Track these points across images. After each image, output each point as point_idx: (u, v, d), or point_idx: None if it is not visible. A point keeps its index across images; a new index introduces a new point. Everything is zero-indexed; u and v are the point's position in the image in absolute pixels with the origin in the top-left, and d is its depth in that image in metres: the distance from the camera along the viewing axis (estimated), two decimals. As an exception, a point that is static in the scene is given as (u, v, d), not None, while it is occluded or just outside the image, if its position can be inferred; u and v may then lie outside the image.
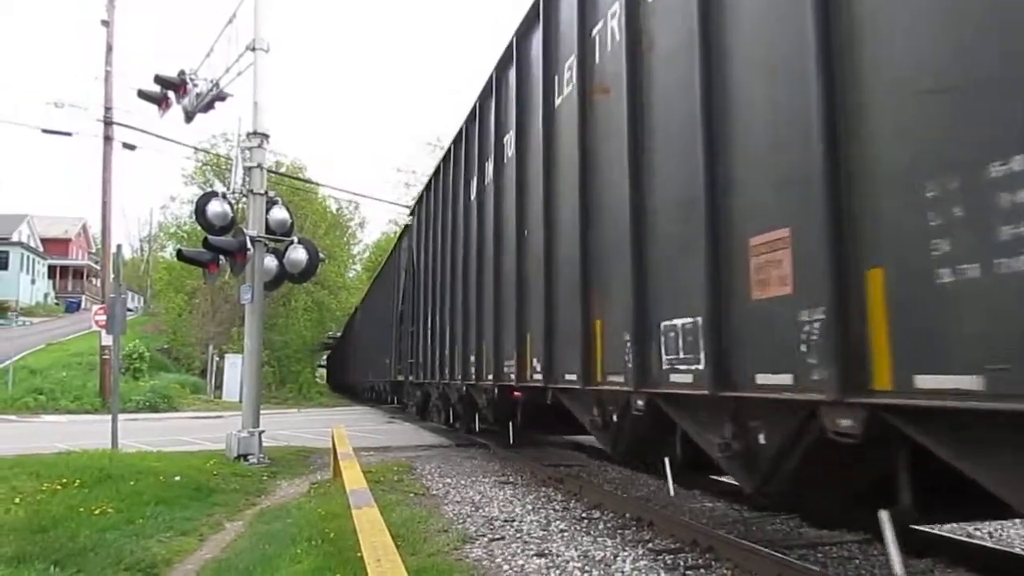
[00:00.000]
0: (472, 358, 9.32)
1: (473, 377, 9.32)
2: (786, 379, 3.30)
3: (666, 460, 5.35)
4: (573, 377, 5.81)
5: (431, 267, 12.58)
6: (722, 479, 6.92)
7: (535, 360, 6.77)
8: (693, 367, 4.04)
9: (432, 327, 12.23)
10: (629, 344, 4.75)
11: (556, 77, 6.46)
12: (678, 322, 4.23)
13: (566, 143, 6.11)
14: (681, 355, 4.19)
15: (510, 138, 7.79)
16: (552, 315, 6.36)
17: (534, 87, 7.03)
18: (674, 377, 4.27)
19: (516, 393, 8.06)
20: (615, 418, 5.51)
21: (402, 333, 15.81)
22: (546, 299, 6.43)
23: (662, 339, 4.41)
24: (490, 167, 8.71)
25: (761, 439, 3.80)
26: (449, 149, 11.32)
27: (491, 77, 8.64)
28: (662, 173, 4.57)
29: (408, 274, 15.27)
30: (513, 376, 7.41)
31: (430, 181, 13.01)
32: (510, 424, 9.48)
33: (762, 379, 3.50)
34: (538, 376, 6.66)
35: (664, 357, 4.39)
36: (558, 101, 6.40)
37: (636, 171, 4.79)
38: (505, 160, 8.05)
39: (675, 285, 4.32)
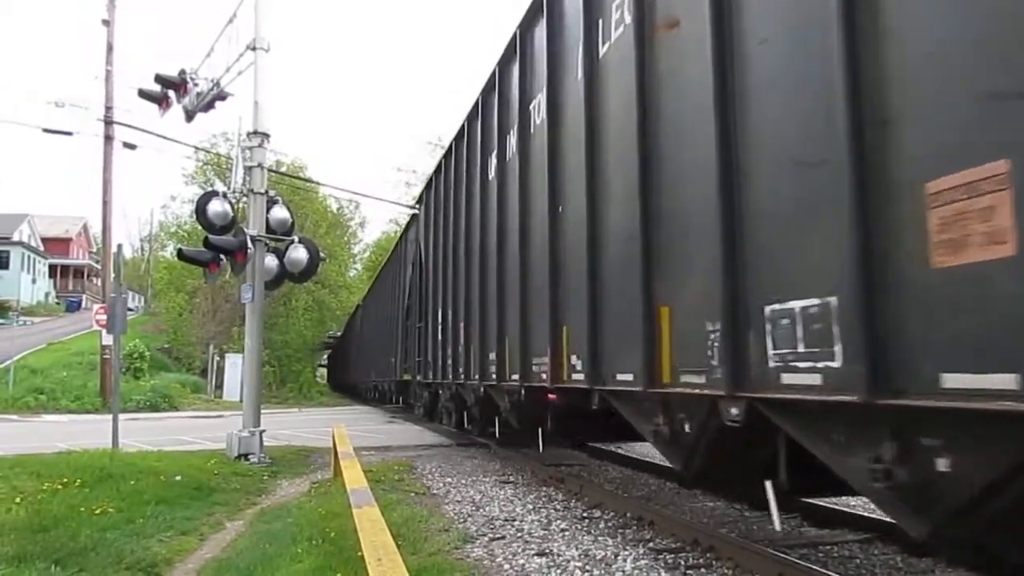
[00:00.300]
0: (492, 355, 8.47)
1: (494, 377, 8.45)
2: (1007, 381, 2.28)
3: (768, 484, 4.31)
4: (628, 377, 4.91)
5: (442, 257, 11.69)
6: (841, 506, 6.21)
7: (574, 357, 5.93)
8: (821, 364, 3.13)
9: (444, 322, 11.41)
10: (715, 335, 3.84)
11: (600, 21, 5.60)
12: (795, 305, 3.30)
13: (616, 97, 5.27)
14: (802, 349, 3.26)
15: (539, 102, 6.98)
16: (598, 303, 5.44)
17: (570, 39, 6.23)
18: (788, 378, 3.35)
19: (550, 396, 7.04)
20: (688, 428, 4.61)
21: (408, 330, 15.18)
22: (590, 284, 5.50)
23: (768, 328, 3.49)
24: (513, 139, 7.85)
25: (942, 465, 2.73)
26: (462, 127, 10.42)
27: (514, 37, 7.79)
28: (766, 116, 3.60)
29: (415, 267, 14.45)
30: (545, 376, 6.52)
31: (440, 164, 12.15)
32: (539, 430, 8.87)
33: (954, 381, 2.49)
34: (579, 376, 5.82)
35: (771, 352, 3.47)
36: (603, 49, 5.55)
37: (724, 118, 3.81)
38: (532, 128, 7.22)
39: (790, 258, 3.38)
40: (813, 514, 6.10)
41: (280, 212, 11.55)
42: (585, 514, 6.62)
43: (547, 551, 5.26)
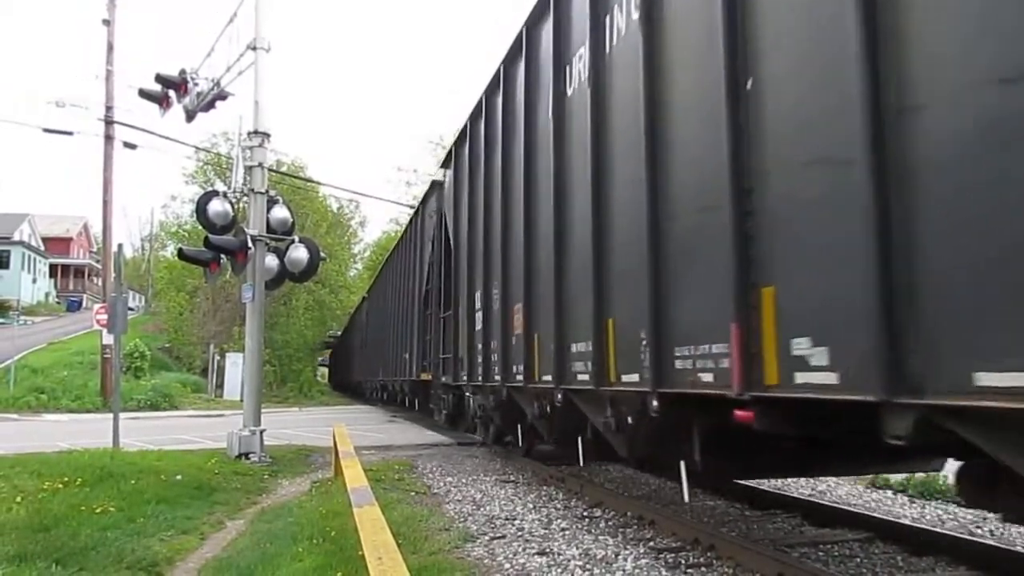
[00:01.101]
0: (576, 349, 5.86)
1: (592, 379, 5.49)
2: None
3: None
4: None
5: (483, 225, 8.91)
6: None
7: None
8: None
9: (485, 308, 8.79)
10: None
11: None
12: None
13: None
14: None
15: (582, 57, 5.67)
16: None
17: None
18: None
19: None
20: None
21: (428, 321, 12.79)
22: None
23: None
24: (582, 57, 5.85)
25: None
26: (498, 71, 8.31)
27: None
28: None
29: (437, 245, 11.91)
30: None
31: (481, 103, 9.14)
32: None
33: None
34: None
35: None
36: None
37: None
38: (612, 45, 5.36)
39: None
40: (813, 513, 6.11)
41: (280, 212, 11.54)
42: (586, 513, 6.62)
43: (548, 550, 5.26)
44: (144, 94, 12.43)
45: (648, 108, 4.67)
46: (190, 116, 12.28)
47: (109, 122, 21.76)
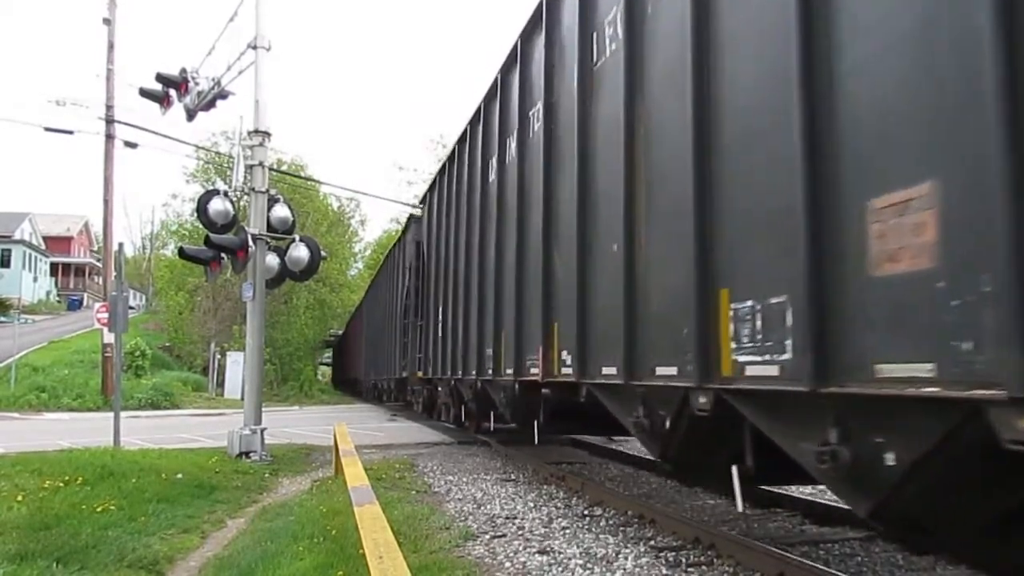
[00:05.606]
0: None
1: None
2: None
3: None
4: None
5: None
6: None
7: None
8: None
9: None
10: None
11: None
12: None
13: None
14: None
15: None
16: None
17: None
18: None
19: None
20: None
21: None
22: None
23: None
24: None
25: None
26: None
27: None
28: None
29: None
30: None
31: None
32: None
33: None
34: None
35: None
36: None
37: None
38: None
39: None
40: (814, 512, 6.10)
41: (281, 211, 11.55)
42: (586, 512, 6.62)
43: (548, 549, 5.26)
44: (145, 93, 12.43)
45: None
46: (191, 115, 12.27)
47: (110, 121, 21.73)
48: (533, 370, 6.87)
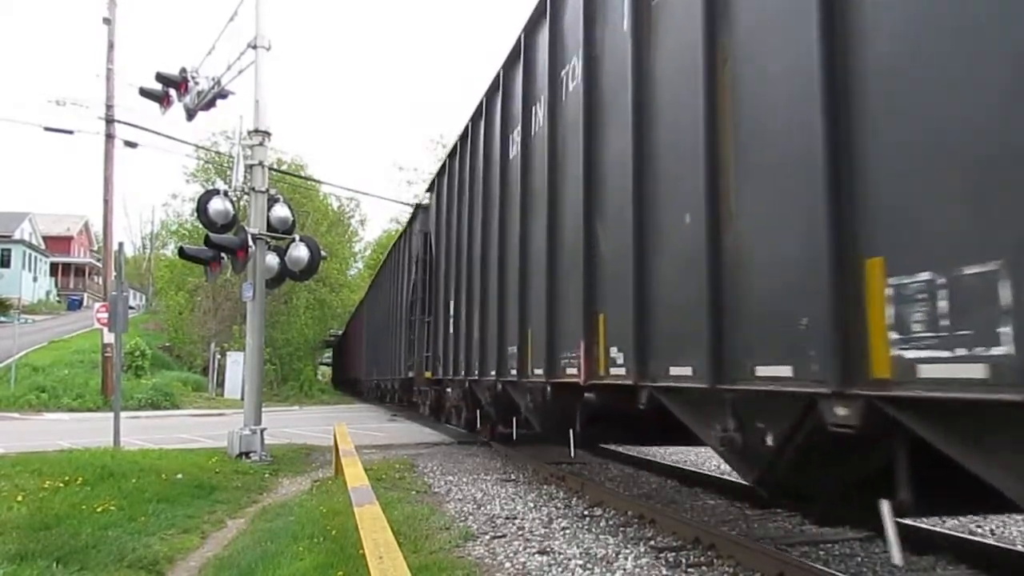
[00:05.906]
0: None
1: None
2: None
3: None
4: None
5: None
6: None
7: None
8: None
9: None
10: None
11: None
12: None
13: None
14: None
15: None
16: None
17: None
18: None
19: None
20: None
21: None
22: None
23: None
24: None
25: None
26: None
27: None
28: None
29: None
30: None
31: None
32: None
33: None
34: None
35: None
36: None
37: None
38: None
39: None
40: (813, 512, 6.10)
41: (281, 210, 11.55)
42: (586, 512, 6.62)
43: (548, 549, 5.26)
44: (145, 93, 12.43)
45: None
46: (191, 115, 12.27)
47: (110, 120, 21.73)
48: (571, 370, 5.79)
